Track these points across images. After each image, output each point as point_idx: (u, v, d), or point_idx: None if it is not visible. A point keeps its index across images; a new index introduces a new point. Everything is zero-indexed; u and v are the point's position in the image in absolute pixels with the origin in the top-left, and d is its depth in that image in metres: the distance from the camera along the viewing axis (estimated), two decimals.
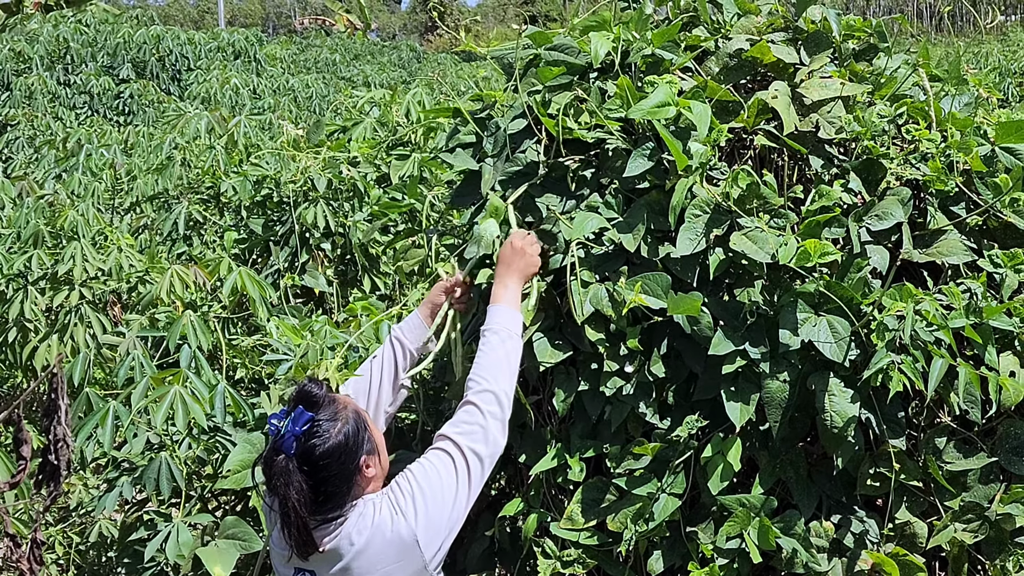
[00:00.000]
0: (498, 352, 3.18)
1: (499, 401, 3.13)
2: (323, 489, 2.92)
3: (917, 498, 3.25)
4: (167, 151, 9.19)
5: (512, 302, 3.27)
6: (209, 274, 4.89)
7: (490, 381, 3.15)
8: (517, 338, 3.23)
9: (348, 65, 29.00)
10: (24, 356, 6.04)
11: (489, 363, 3.18)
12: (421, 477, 3.02)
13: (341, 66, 28.70)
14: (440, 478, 3.02)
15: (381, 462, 3.10)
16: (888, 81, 3.53)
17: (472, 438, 3.08)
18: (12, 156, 14.15)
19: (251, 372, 4.50)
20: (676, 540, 3.29)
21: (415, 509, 2.96)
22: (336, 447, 2.94)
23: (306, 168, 6.10)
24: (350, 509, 2.97)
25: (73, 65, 20.74)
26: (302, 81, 22.60)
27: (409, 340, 3.48)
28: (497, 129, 3.51)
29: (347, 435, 2.97)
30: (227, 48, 24.45)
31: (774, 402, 3.12)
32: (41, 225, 6.46)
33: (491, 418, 3.11)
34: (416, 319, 3.51)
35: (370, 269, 6.11)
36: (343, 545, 2.95)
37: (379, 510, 2.97)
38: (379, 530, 2.94)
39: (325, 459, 2.93)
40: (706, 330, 3.13)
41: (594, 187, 3.38)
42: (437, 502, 2.99)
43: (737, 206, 3.15)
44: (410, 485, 3.01)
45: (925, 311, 3.03)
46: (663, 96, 3.21)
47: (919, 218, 3.33)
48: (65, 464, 2.06)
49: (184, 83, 21.88)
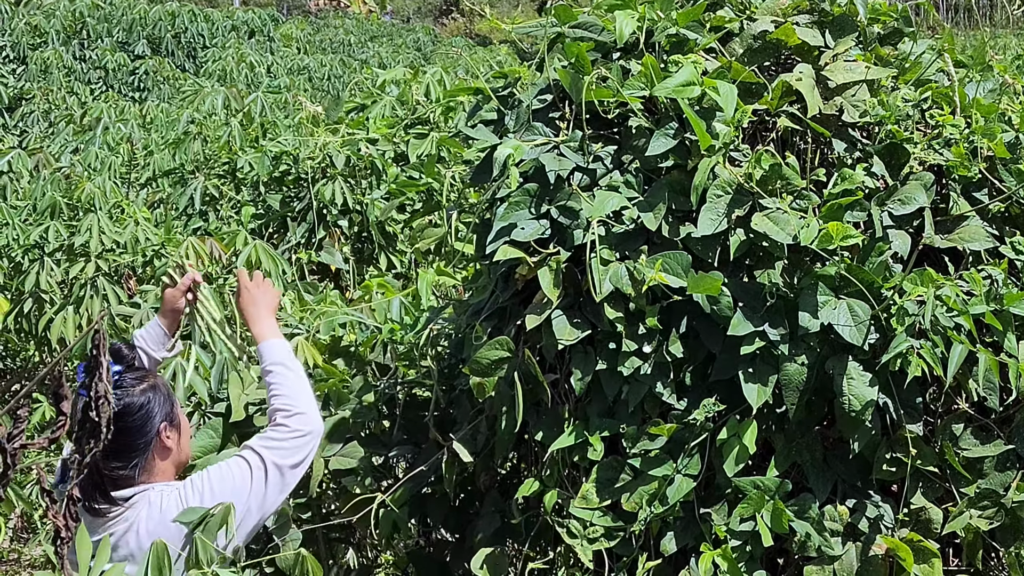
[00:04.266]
0: (291, 379, 3.37)
1: (310, 420, 3.32)
2: (118, 440, 2.97)
3: (933, 484, 3.24)
4: (184, 126, 9.19)
5: (276, 333, 3.50)
6: (225, 247, 4.89)
7: (298, 404, 3.32)
8: (297, 363, 3.44)
9: (362, 47, 28.97)
10: (40, 327, 6.05)
11: (289, 390, 3.35)
12: (215, 474, 3.19)
13: (355, 47, 28.68)
14: (233, 478, 3.18)
15: (181, 443, 3.29)
16: (913, 66, 3.52)
17: (276, 452, 3.24)
18: (28, 129, 14.17)
19: None
20: (690, 521, 3.29)
21: (201, 500, 3.09)
22: (136, 404, 3.15)
23: (325, 145, 6.10)
24: (132, 495, 3.11)
25: (89, 40, 20.73)
26: (317, 61, 22.58)
27: (152, 348, 3.58)
28: (520, 105, 3.51)
29: (149, 398, 3.18)
30: (242, 27, 24.44)
31: (791, 385, 3.11)
32: (58, 197, 6.46)
33: (298, 436, 3.27)
34: (156, 328, 3.60)
35: (386, 247, 6.11)
36: (131, 534, 3.09)
37: (168, 499, 3.11)
38: (163, 522, 3.06)
39: (123, 412, 3.10)
40: (726, 310, 3.13)
41: (615, 165, 3.37)
42: (224, 496, 3.08)
43: (759, 187, 3.15)
44: (202, 481, 3.17)
45: (945, 296, 3.02)
46: (688, 75, 3.20)
47: (941, 204, 3.32)
48: (105, 421, 2.07)
49: (199, 61, 21.87)
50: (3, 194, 7.74)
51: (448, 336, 4.13)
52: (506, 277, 3.48)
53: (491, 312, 3.57)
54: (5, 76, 17.21)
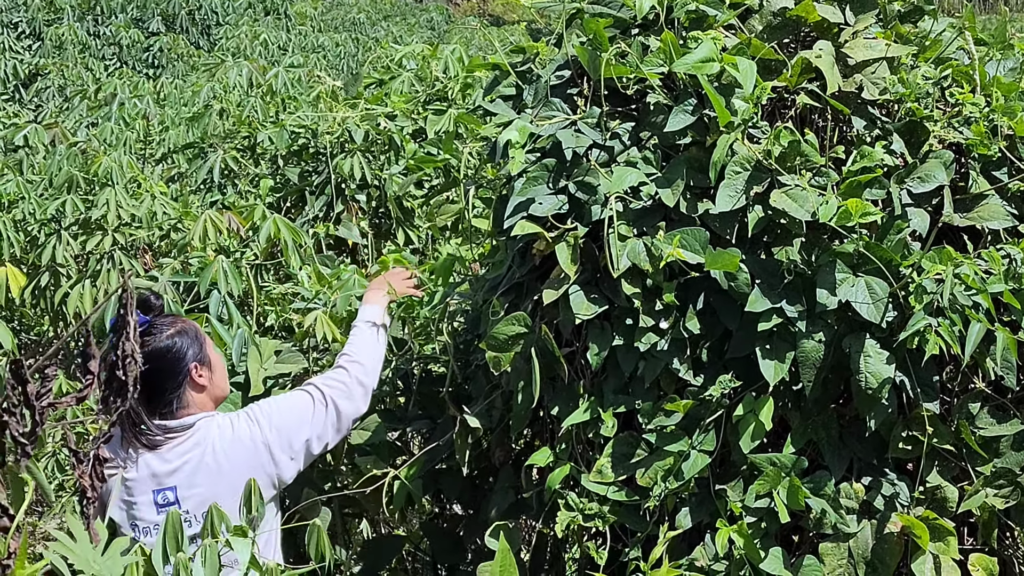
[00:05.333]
0: (371, 338, 3.74)
1: (367, 372, 3.65)
2: (150, 383, 3.24)
3: (948, 463, 3.24)
4: (205, 99, 9.19)
5: (380, 303, 3.86)
6: (243, 221, 4.90)
7: (366, 360, 3.67)
8: (384, 333, 3.80)
9: (375, 25, 28.90)
10: (56, 301, 6.06)
11: (365, 346, 3.71)
12: (281, 400, 3.57)
13: (367, 26, 28.61)
14: (295, 405, 3.53)
15: (215, 380, 3.50)
16: (933, 44, 3.50)
17: (337, 392, 3.57)
18: (43, 105, 14.17)
19: (282, 319, 4.53)
20: (705, 497, 3.29)
21: (270, 422, 3.45)
22: (164, 348, 3.38)
23: (344, 120, 6.10)
24: (192, 421, 3.39)
25: (103, 16, 20.72)
26: (332, 40, 22.54)
27: None
28: (538, 80, 3.50)
29: (176, 342, 3.41)
30: (257, 4, 24.40)
31: (808, 362, 3.11)
32: (74, 171, 6.46)
33: (357, 384, 3.61)
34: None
35: (404, 222, 6.12)
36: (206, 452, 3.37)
37: (239, 422, 3.44)
38: (238, 438, 3.41)
39: (153, 355, 3.31)
40: (743, 287, 3.13)
41: (633, 142, 3.36)
42: (289, 422, 3.48)
43: (778, 164, 3.14)
44: (269, 405, 3.52)
45: (964, 275, 3.01)
46: (707, 52, 3.19)
47: (960, 182, 3.31)
48: (132, 380, 2.08)
49: (213, 38, 21.85)
50: (19, 168, 7.75)
51: (464, 312, 4.14)
52: (523, 252, 3.48)
53: (508, 287, 3.57)
54: (20, 52, 17.23)
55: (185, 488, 3.35)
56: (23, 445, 1.88)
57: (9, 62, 14.61)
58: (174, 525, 2.47)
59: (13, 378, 1.85)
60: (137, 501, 3.36)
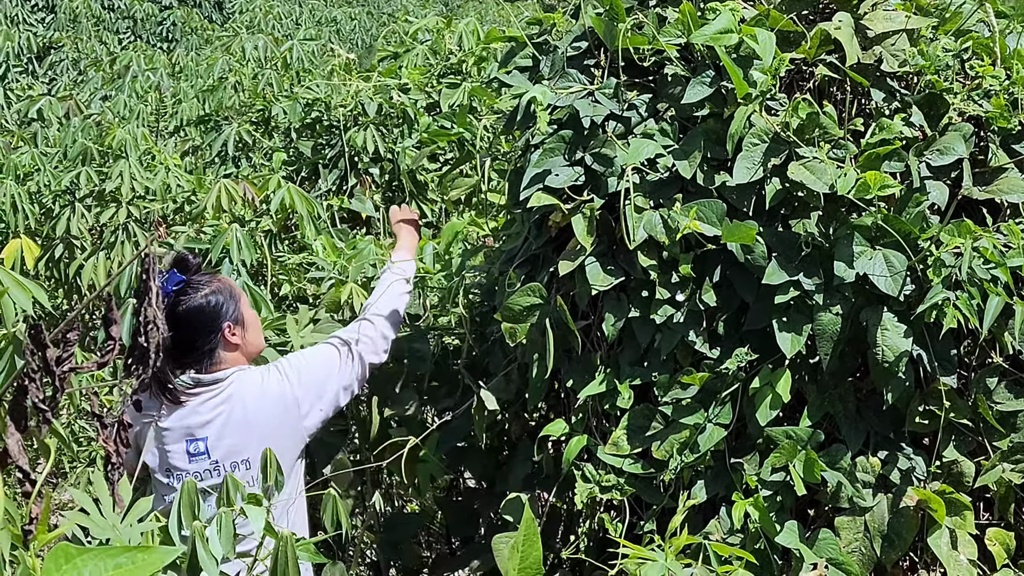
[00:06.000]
0: (399, 294, 3.84)
1: (391, 325, 3.75)
2: (184, 340, 3.43)
3: (965, 437, 3.23)
4: (220, 71, 9.18)
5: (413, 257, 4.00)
6: (258, 191, 4.89)
7: (388, 308, 3.77)
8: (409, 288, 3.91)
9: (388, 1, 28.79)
10: (70, 273, 6.07)
11: (389, 295, 3.81)
12: (310, 354, 3.66)
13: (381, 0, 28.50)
14: (324, 359, 3.63)
15: (248, 338, 3.59)
16: (953, 16, 3.47)
17: (363, 345, 3.68)
18: (57, 78, 14.17)
19: (296, 289, 4.53)
20: (720, 470, 3.29)
21: (299, 377, 3.55)
22: (199, 307, 3.47)
23: (357, 92, 6.09)
24: (225, 375, 3.49)
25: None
26: (345, 14, 22.48)
27: None
28: (555, 52, 3.49)
29: (211, 299, 3.49)
30: None
31: (826, 335, 3.10)
32: (89, 143, 6.46)
33: (381, 337, 3.72)
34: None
35: (417, 196, 6.11)
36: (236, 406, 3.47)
37: (269, 377, 3.54)
38: (268, 393, 3.51)
39: (187, 315, 3.45)
40: (760, 259, 3.11)
41: (650, 113, 3.35)
42: (319, 376, 3.59)
43: (796, 136, 3.12)
44: (299, 360, 3.62)
45: (983, 248, 2.99)
46: (726, 23, 3.17)
47: (980, 155, 3.29)
48: (155, 347, 2.09)
49: (227, 12, 21.80)
50: (34, 140, 7.75)
51: (480, 284, 4.13)
52: (539, 224, 3.47)
53: (524, 259, 3.56)
54: (34, 25, 17.21)
55: (215, 439, 3.46)
56: (43, 411, 1.88)
57: (23, 35, 14.59)
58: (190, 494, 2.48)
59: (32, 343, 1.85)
60: (171, 449, 3.47)
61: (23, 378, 1.84)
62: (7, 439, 1.79)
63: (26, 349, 1.84)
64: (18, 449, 1.80)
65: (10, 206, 6.32)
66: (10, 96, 9.53)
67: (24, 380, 1.84)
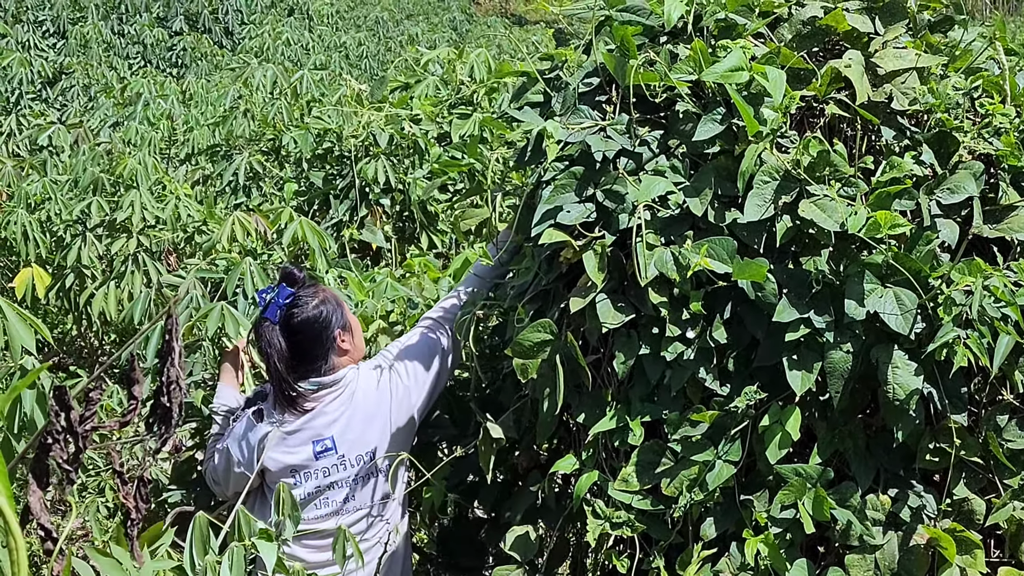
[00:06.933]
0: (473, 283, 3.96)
1: None
2: (301, 351, 3.63)
3: (976, 475, 3.23)
4: (231, 101, 9.22)
5: None
6: (270, 223, 4.91)
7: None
8: None
9: (399, 24, 28.91)
10: (81, 302, 6.09)
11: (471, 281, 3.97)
12: (411, 342, 3.83)
13: (390, 25, 28.62)
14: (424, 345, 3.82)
15: (355, 341, 3.78)
16: (963, 54, 3.49)
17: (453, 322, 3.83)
18: (68, 103, 14.23)
19: None
20: (730, 507, 3.29)
21: (405, 366, 3.76)
22: (312, 317, 3.64)
23: (368, 123, 6.12)
24: (343, 375, 3.69)
25: (128, 15, 20.78)
26: (354, 39, 22.56)
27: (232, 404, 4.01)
28: (566, 88, 3.50)
29: (321, 310, 3.65)
30: (279, 3, 24.43)
31: (836, 372, 3.10)
32: (100, 172, 6.49)
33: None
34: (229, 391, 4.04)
35: (428, 226, 6.13)
36: (354, 404, 3.68)
37: (380, 371, 3.74)
38: (383, 387, 3.71)
39: (302, 326, 3.62)
40: (770, 297, 3.12)
41: (661, 150, 3.36)
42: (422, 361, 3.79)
43: (807, 174, 3.13)
44: (403, 350, 3.81)
45: (993, 287, 3.00)
46: (736, 60, 3.19)
47: (990, 193, 3.29)
48: (178, 407, 2.10)
49: (237, 38, 21.89)
50: (44, 168, 7.78)
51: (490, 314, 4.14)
52: (550, 260, 3.48)
53: (534, 294, 3.57)
54: (45, 50, 17.30)
55: (340, 435, 3.67)
56: (67, 471, 1.89)
57: (35, 60, 14.67)
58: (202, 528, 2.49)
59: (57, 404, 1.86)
60: (296, 451, 3.65)
61: (46, 437, 1.85)
62: (29, 497, 1.80)
63: (51, 410, 1.85)
64: (40, 507, 1.81)
65: (21, 235, 6.36)
66: (22, 122, 9.56)
67: (47, 439, 1.85)
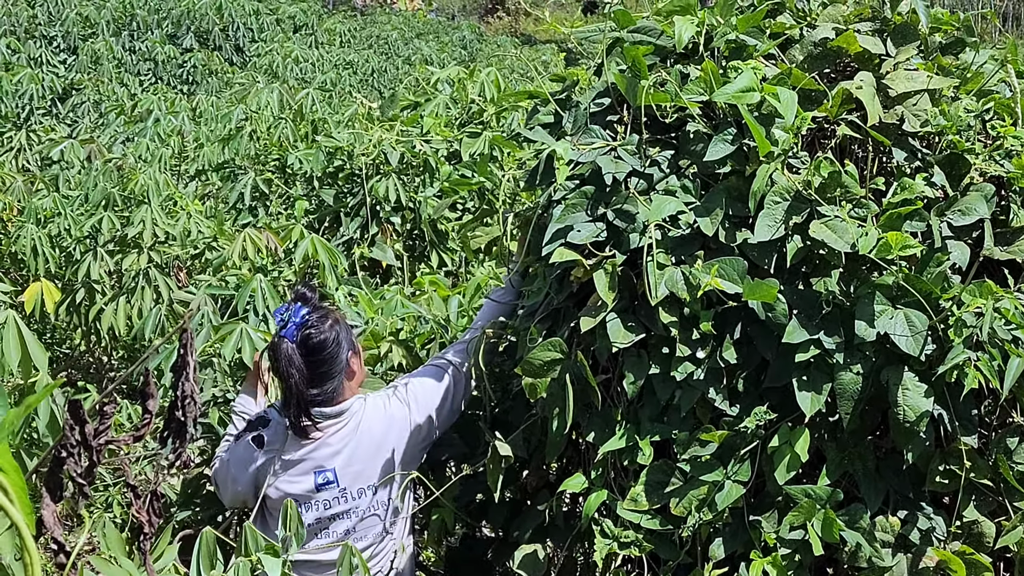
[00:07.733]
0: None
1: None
2: (318, 370, 3.57)
3: (986, 497, 3.22)
4: (237, 121, 9.25)
5: None
6: (281, 241, 4.92)
7: None
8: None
9: (407, 43, 29.00)
10: (91, 317, 6.11)
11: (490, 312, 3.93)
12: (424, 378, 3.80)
13: (400, 44, 28.71)
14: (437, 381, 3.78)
15: (361, 364, 3.76)
16: (974, 76, 3.49)
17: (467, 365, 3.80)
18: (78, 120, 14.27)
19: None
20: (739, 527, 3.28)
21: (417, 403, 3.72)
22: (329, 338, 3.59)
23: (379, 141, 6.14)
24: (348, 406, 3.64)
25: (139, 32, 20.86)
26: (362, 57, 22.62)
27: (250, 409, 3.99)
28: (577, 108, 3.51)
29: (336, 331, 3.62)
30: (287, 22, 24.51)
31: (846, 394, 3.10)
32: (111, 188, 6.51)
33: None
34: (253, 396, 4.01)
35: (438, 244, 6.14)
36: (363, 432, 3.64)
37: (389, 404, 3.71)
38: (392, 421, 3.68)
39: (320, 346, 3.57)
40: (781, 317, 3.12)
41: (672, 170, 3.37)
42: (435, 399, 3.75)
43: (818, 195, 3.14)
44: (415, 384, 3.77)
45: (1004, 309, 3.00)
46: (747, 81, 3.20)
47: (1001, 215, 3.29)
48: (192, 421, 2.11)
49: (247, 55, 21.95)
50: (55, 184, 7.81)
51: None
52: (561, 279, 3.48)
53: (545, 314, 3.57)
54: (57, 66, 17.36)
55: (343, 467, 3.63)
56: (81, 485, 1.90)
57: (46, 76, 14.72)
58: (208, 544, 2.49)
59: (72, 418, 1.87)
60: (298, 480, 3.62)
61: (60, 450, 1.85)
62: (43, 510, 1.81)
63: (65, 424, 1.85)
64: (53, 520, 1.81)
65: (31, 250, 6.38)
66: (32, 138, 9.60)
67: (62, 453, 1.85)
